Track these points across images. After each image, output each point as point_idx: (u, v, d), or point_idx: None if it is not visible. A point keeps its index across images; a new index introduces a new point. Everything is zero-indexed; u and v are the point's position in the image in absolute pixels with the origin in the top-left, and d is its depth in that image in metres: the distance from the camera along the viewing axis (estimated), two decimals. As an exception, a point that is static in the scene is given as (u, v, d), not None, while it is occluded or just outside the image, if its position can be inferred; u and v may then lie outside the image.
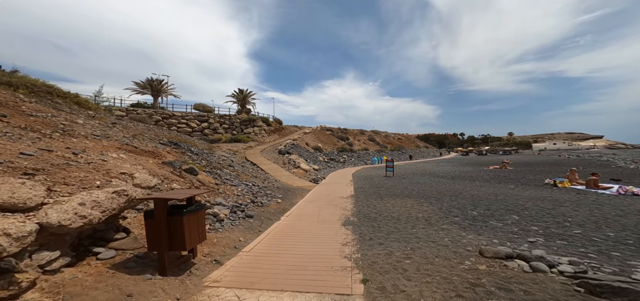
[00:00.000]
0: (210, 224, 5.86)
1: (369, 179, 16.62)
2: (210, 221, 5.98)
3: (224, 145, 26.48)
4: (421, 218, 6.74)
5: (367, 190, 12.31)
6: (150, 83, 30.74)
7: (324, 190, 12.72)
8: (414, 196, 10.23)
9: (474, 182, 14.18)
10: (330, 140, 41.10)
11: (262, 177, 15.14)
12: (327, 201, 9.83)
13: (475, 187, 12.49)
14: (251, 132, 33.62)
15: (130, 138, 9.15)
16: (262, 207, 8.26)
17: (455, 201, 8.91)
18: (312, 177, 17.68)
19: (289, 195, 10.96)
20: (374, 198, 10.03)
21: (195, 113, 30.72)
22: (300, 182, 15.37)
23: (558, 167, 23.71)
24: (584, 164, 25.94)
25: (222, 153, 19.05)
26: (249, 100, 43.24)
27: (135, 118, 17.41)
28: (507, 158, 37.11)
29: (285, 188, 12.13)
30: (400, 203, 8.91)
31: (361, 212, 7.91)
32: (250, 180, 12.18)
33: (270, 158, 22.10)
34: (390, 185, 13.43)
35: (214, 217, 6.21)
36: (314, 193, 11.64)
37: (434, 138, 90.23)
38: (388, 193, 11.05)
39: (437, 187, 12.66)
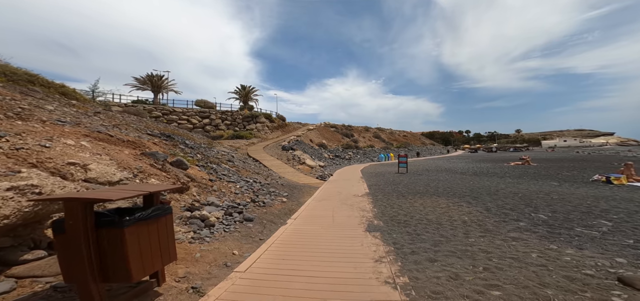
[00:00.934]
0: (195, 231, 4.38)
1: (381, 176, 15.07)
2: (196, 227, 4.50)
3: (225, 141, 25.13)
4: (471, 223, 5.19)
5: (383, 187, 10.77)
6: (150, 79, 29.50)
7: (333, 187, 11.21)
8: (444, 194, 8.66)
9: (503, 179, 12.53)
10: (335, 137, 39.55)
11: (265, 173, 13.68)
12: (340, 200, 8.32)
13: (510, 183, 10.86)
14: (254, 128, 32.25)
15: (109, 127, 7.73)
16: (265, 207, 6.78)
17: (501, 200, 7.31)
18: (318, 173, 16.19)
19: (295, 193, 9.48)
20: (396, 197, 8.49)
21: (196, 110, 29.40)
22: (307, 178, 13.89)
23: (586, 162, 21.89)
24: (610, 160, 24.04)
25: (223, 148, 17.66)
26: (251, 96, 41.88)
27: (130, 112, 16.08)
28: (524, 155, 35.23)
29: (291, 186, 10.65)
30: (430, 202, 7.36)
31: (385, 213, 6.38)
32: (251, 176, 10.72)
33: (273, 154, 20.66)
34: (408, 182, 11.86)
35: (202, 222, 4.74)
36: (323, 191, 10.14)
37: (439, 136, 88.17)
38: (409, 191, 9.50)
39: (464, 183, 11.06)
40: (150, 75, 29.63)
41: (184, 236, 4.00)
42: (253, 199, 7.12)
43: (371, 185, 11.53)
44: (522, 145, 69.79)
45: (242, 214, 5.76)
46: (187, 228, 4.32)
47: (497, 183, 10.68)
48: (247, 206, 6.47)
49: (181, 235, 4.00)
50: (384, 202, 7.82)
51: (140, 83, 29.43)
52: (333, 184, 12.27)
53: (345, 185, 11.66)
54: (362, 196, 8.94)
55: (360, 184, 11.87)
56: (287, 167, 17.04)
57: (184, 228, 4.28)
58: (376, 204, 7.50)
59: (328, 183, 12.50)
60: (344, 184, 12.13)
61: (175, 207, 4.90)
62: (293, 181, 12.63)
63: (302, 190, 10.29)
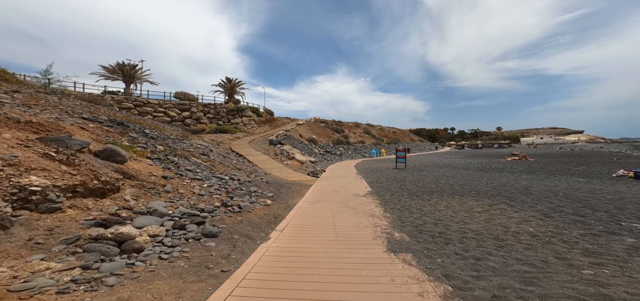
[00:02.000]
0: (86, 268, 2.38)
1: (379, 172, 13.42)
2: (95, 257, 2.50)
3: (207, 135, 22.63)
4: (546, 237, 3.53)
5: (386, 184, 9.07)
6: (121, 68, 26.08)
7: (328, 185, 9.39)
8: (466, 193, 7.05)
9: (516, 174, 11.22)
10: (325, 133, 37.77)
11: (249, 169, 11.63)
12: (340, 201, 6.50)
13: (532, 180, 9.50)
14: (239, 122, 29.79)
15: (15, 106, 5.41)
16: (240, 213, 4.83)
17: (547, 201, 5.75)
18: (309, 169, 14.32)
19: (283, 192, 7.56)
20: (408, 197, 6.79)
21: (175, 102, 26.46)
22: (297, 175, 11.98)
23: (579, 158, 21.45)
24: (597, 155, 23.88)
25: (201, 142, 15.35)
26: (237, 90, 39.15)
27: (86, 99, 13.39)
28: (516, 150, 35.21)
29: (278, 183, 8.72)
30: (458, 205, 5.69)
31: (405, 220, 4.63)
32: (230, 172, 8.67)
33: (259, 149, 18.53)
34: (414, 179, 10.23)
35: (117, 246, 2.73)
36: (317, 190, 8.29)
37: (426, 133, 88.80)
38: (421, 189, 7.84)
39: (479, 180, 9.58)
40: (121, 63, 26.28)
41: (49, 280, 2.00)
42: (225, 202, 5.15)
43: (372, 182, 9.81)
44: (505, 142, 71.25)
45: (203, 226, 3.80)
46: (70, 262, 2.31)
47: (516, 180, 9.28)
48: (215, 213, 4.50)
49: (44, 278, 2.00)
50: (396, 203, 6.09)
51: (109, 72, 25.98)
52: (327, 181, 10.44)
53: (342, 183, 9.87)
54: (365, 196, 7.17)
55: (358, 181, 10.12)
56: (275, 163, 15.03)
57: (64, 263, 2.27)
58: (386, 207, 5.74)
59: (322, 180, 10.66)
60: (340, 181, 10.34)
61: (73, 219, 2.85)
62: (281, 178, 10.68)
63: (292, 188, 8.38)
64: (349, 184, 9.43)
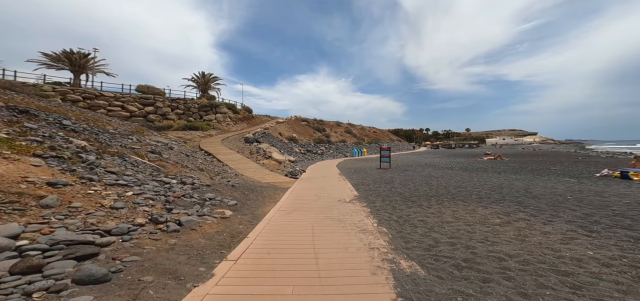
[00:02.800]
0: None
1: (363, 172, 12.31)
2: None
3: (173, 132, 20.08)
4: (621, 267, 2.43)
5: (373, 187, 7.88)
6: (68, 56, 22.17)
7: (308, 188, 7.98)
8: (468, 198, 6.04)
9: (503, 174, 10.69)
10: (306, 131, 36.30)
11: (216, 170, 9.85)
12: (321, 210, 5.13)
13: (522, 180, 8.88)
14: (213, 119, 27.28)
15: None
16: (178, 232, 3.25)
17: (568, 208, 4.85)
18: (288, 169, 12.80)
19: (252, 198, 6.01)
20: (402, 203, 5.60)
21: (136, 96, 23.25)
22: (273, 176, 10.42)
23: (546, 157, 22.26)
24: (555, 156, 25.16)
25: (161, 139, 13.14)
26: (211, 85, 36.21)
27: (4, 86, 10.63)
28: (488, 150, 36.48)
29: (248, 187, 7.13)
30: (467, 215, 4.57)
31: (408, 238, 3.39)
32: (185, 174, 6.91)
33: (233, 147, 16.60)
34: (403, 180, 9.19)
35: None
36: (294, 195, 6.84)
37: (403, 133, 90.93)
38: (415, 193, 6.73)
39: (473, 182, 8.76)
40: (69, 51, 22.46)
41: None
42: (156, 217, 3.52)
43: (357, 184, 8.58)
44: (474, 142, 75.01)
45: (88, 262, 2.18)
46: None
47: (508, 180, 8.60)
48: (130, 235, 2.88)
49: None
50: (390, 212, 4.86)
51: (53, 61, 22.01)
52: (307, 183, 9.03)
53: (323, 185, 8.52)
54: (352, 202, 5.88)
55: (342, 183, 8.84)
56: (249, 162, 13.30)
57: None
58: (380, 217, 4.49)
59: (301, 182, 9.23)
60: (321, 183, 8.98)
61: None
62: (254, 179, 9.06)
63: (264, 193, 6.85)
64: (332, 187, 8.11)
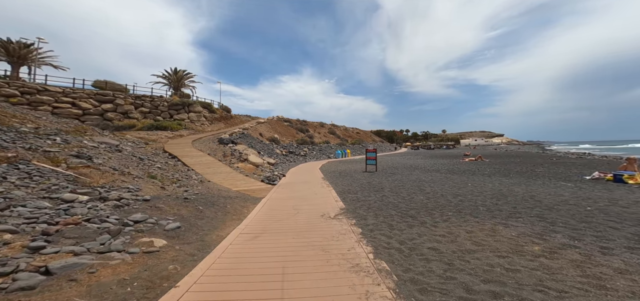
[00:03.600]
0: None
1: (349, 176, 11.21)
2: None
3: (135, 133, 17.64)
4: None
5: (362, 196, 6.75)
6: (4, 45, 18.67)
7: (286, 197, 6.65)
8: (474, 210, 5.07)
9: (494, 178, 10.11)
10: (289, 132, 34.74)
11: (177, 176, 8.18)
12: (299, 232, 3.86)
13: (517, 185, 8.24)
14: (185, 118, 24.85)
15: None
16: (33, 290, 1.78)
17: (600, 223, 4.01)
18: (266, 174, 11.35)
19: (209, 215, 4.56)
20: (400, 220, 4.49)
21: (91, 92, 20.25)
22: (246, 182, 8.93)
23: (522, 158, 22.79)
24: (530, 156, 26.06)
25: (109, 141, 11.05)
26: (185, 83, 33.41)
27: None
28: (467, 151, 37.32)
29: (208, 198, 5.64)
30: (488, 237, 3.53)
31: (423, 286, 2.21)
32: (123, 184, 5.27)
33: (204, 149, 14.74)
34: (393, 187, 8.17)
35: None
36: (267, 208, 5.48)
37: (385, 134, 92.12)
38: (412, 205, 5.67)
39: (463, 187, 7.95)
40: (5, 40, 18.96)
41: None
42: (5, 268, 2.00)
43: (343, 191, 7.41)
44: (450, 143, 77.84)
45: None
46: None
47: (505, 185, 7.91)
48: None
49: None
50: (388, 234, 3.71)
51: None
52: (286, 191, 7.69)
53: (304, 193, 7.23)
54: (338, 217, 4.68)
55: (326, 191, 7.62)
56: (221, 166, 11.64)
57: None
58: (376, 244, 3.32)
59: (278, 190, 7.86)
60: (302, 191, 7.69)
61: None
62: (221, 187, 7.54)
63: (229, 206, 5.41)
64: (314, 195, 6.86)
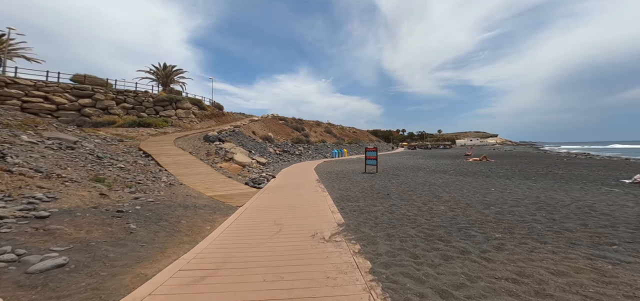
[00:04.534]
0: None
1: (346, 179, 9.80)
2: None
3: (113, 129, 15.97)
4: None
5: (364, 205, 5.32)
6: None
7: (269, 206, 5.17)
8: (533, 232, 3.69)
9: (512, 180, 8.81)
10: (284, 130, 33.22)
11: (140, 179, 6.65)
12: (274, 268, 2.37)
13: (544, 190, 6.93)
14: (173, 115, 23.16)
15: None
16: None
17: None
18: (253, 175, 9.87)
19: (138, 239, 3.07)
20: (429, 248, 3.08)
21: (67, 85, 18.44)
22: (227, 185, 7.43)
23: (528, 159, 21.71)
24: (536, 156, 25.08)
25: (64, 136, 9.46)
26: (174, 78, 31.69)
27: None
28: (469, 151, 36.29)
29: (160, 210, 4.15)
30: (600, 285, 2.11)
31: None
32: (30, 190, 3.75)
33: (187, 147, 13.18)
34: (400, 192, 6.77)
35: None
36: (238, 224, 4.00)
37: (381, 134, 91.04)
38: (436, 221, 4.27)
39: (483, 191, 6.60)
40: None
41: None
42: None
43: (341, 198, 5.97)
44: (447, 143, 77.15)
45: None
46: None
47: (533, 191, 6.58)
48: None
49: None
50: (422, 280, 2.29)
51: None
52: (271, 197, 6.21)
53: (293, 200, 5.77)
54: (335, 240, 3.25)
55: (320, 197, 6.17)
56: (201, 166, 10.11)
57: None
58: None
59: (262, 195, 6.38)
60: (291, 196, 6.23)
61: None
62: (193, 192, 6.04)
63: (183, 220, 3.91)
64: (306, 203, 5.41)
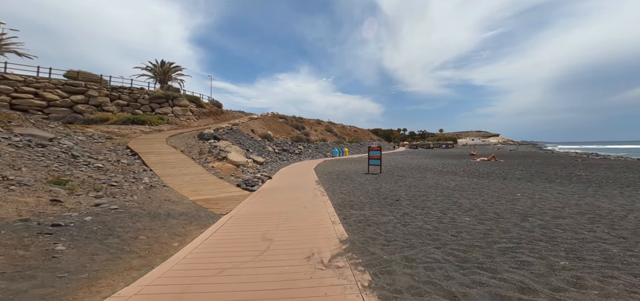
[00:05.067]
0: None
1: (349, 180, 8.96)
2: None
3: (104, 127, 15.20)
4: None
5: (370, 214, 4.47)
6: None
7: (258, 213, 4.32)
8: (609, 258, 2.81)
9: (542, 184, 7.93)
10: (284, 129, 32.39)
11: (116, 180, 5.82)
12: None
13: (572, 195, 6.05)
14: (169, 112, 22.38)
15: None
16: None
17: None
18: (247, 176, 9.04)
19: (60, 267, 2.23)
20: (474, 284, 2.21)
21: (59, 81, 17.66)
22: (215, 188, 6.59)
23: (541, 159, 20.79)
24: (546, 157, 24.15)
25: (31, 132, 8.66)
26: (172, 75, 30.81)
27: None
28: (474, 150, 35.35)
29: (118, 221, 3.33)
30: None
31: None
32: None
33: (179, 145, 12.37)
34: (411, 197, 5.91)
35: None
36: (216, 239, 3.14)
37: (382, 133, 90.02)
38: (472, 237, 3.40)
39: (508, 197, 5.74)
40: None
41: None
42: None
43: (343, 204, 5.12)
44: (449, 142, 76.09)
45: None
46: None
47: (584, 199, 5.71)
48: None
49: None
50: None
51: None
52: (263, 202, 5.36)
53: (288, 206, 4.91)
54: (337, 266, 2.39)
55: (319, 202, 5.31)
56: (192, 165, 9.30)
57: None
58: None
59: (254, 200, 5.53)
60: (286, 201, 5.37)
61: None
62: (174, 196, 5.21)
63: (142, 236, 3.08)
64: (302, 211, 4.56)
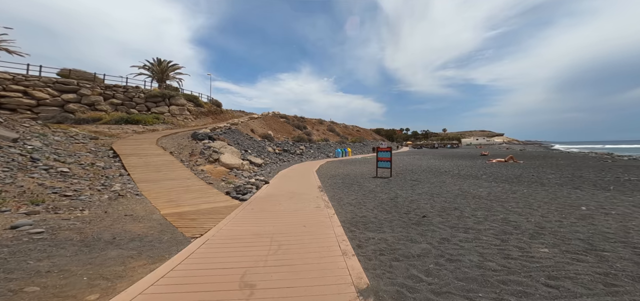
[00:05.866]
0: None
1: (356, 185, 7.75)
2: None
3: (93, 127, 14.17)
4: None
5: (392, 239, 3.26)
6: None
7: (243, 236, 3.11)
8: None
9: (591, 191, 6.63)
10: (285, 129, 31.25)
11: (78, 187, 4.68)
12: None
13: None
14: (166, 112, 21.36)
15: None
16: None
17: None
18: (240, 180, 7.89)
19: None
20: None
21: (50, 79, 16.72)
22: (198, 197, 5.42)
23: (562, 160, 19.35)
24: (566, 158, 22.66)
25: (5, 134, 7.59)
26: (170, 74, 29.82)
27: None
28: (485, 151, 33.86)
29: (26, 257, 2.17)
30: None
31: None
32: None
33: (170, 146, 11.26)
34: (442, 211, 4.69)
35: None
36: (163, 290, 1.94)
37: (384, 133, 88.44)
38: (571, 288, 2.14)
39: (581, 218, 4.47)
40: None
41: None
42: None
43: (354, 221, 3.92)
44: (454, 142, 74.32)
45: None
46: None
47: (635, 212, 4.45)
48: None
49: None
50: None
51: None
52: (253, 218, 4.17)
53: (283, 225, 3.70)
54: None
55: (323, 218, 4.09)
56: (179, 169, 8.16)
57: None
58: None
59: (242, 214, 4.35)
60: (281, 217, 4.17)
61: None
62: (142, 210, 4.07)
63: (26, 289, 1.90)
64: (301, 233, 3.36)
